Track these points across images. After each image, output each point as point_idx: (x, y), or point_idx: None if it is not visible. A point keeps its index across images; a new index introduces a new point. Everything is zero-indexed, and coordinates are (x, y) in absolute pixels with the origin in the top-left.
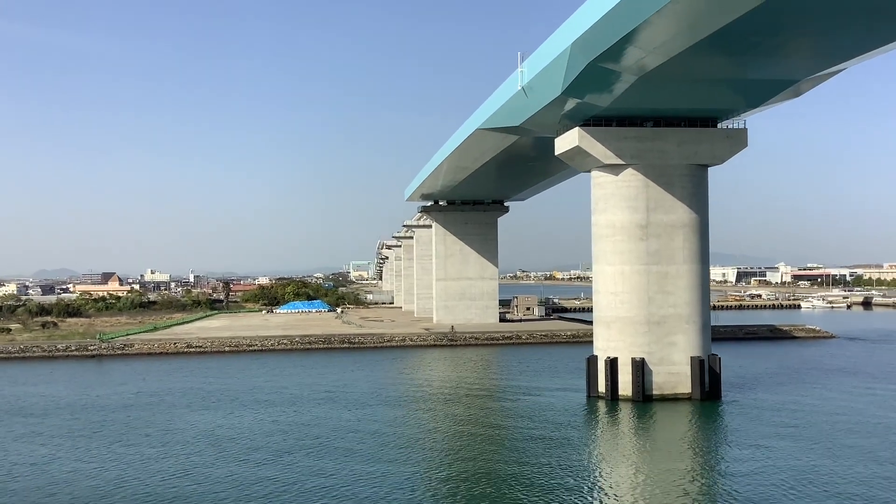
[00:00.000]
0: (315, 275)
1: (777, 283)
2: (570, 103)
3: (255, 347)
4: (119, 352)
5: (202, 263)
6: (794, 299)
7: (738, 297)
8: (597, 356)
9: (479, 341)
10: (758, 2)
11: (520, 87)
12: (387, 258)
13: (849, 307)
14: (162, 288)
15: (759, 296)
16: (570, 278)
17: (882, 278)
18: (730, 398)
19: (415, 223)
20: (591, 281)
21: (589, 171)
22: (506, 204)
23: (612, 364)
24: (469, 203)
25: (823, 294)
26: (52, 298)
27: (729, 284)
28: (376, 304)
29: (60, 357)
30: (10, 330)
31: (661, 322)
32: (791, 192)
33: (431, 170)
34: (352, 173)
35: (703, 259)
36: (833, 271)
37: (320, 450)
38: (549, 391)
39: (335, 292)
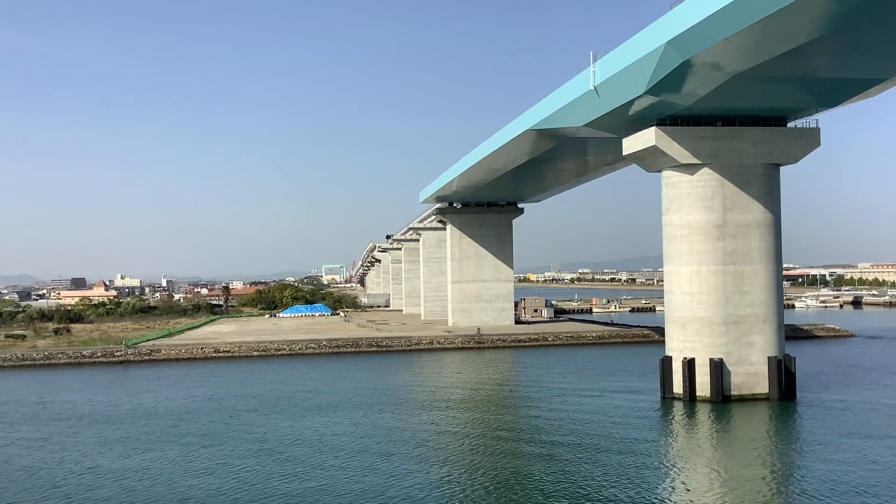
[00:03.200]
0: (287, 278)
1: None
2: (646, 103)
3: (284, 352)
4: (146, 357)
5: (166, 268)
6: (787, 299)
7: None
8: (671, 357)
9: (505, 343)
10: None
11: (592, 87)
12: (378, 261)
13: (841, 306)
14: (136, 293)
15: None
16: (545, 280)
17: (864, 278)
18: (804, 398)
19: (422, 225)
20: (568, 284)
21: (658, 172)
22: (520, 206)
23: (690, 364)
24: (483, 205)
25: (815, 294)
26: (42, 304)
27: None
28: (371, 307)
29: (87, 363)
30: (25, 336)
31: (739, 322)
32: None
33: (461, 171)
34: (323, 179)
35: (778, 259)
36: (810, 271)
37: (421, 452)
38: (614, 392)
39: (332, 295)
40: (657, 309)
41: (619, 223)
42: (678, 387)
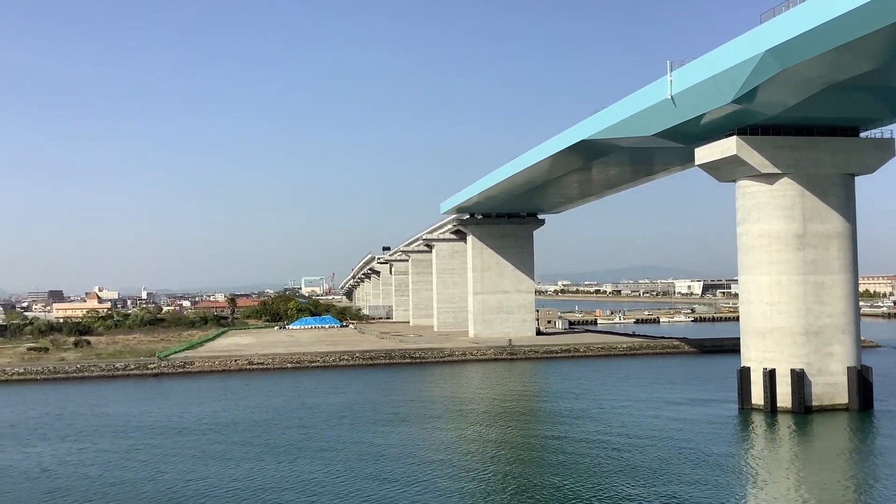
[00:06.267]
0: (266, 290)
1: None
2: (725, 112)
3: (318, 364)
4: (180, 370)
5: (137, 281)
6: None
7: (731, 309)
8: (749, 367)
9: (538, 354)
10: None
11: (668, 97)
12: (377, 273)
13: None
14: (119, 305)
15: None
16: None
17: None
18: (881, 408)
19: (434, 236)
20: (552, 296)
21: (732, 181)
22: (540, 217)
23: (771, 375)
24: (504, 216)
25: None
26: (39, 315)
27: (695, 297)
28: (373, 318)
29: (120, 376)
30: (48, 349)
31: (819, 332)
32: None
33: (494, 183)
34: (296, 191)
35: (854, 269)
36: None
37: (521, 465)
38: (682, 404)
39: (335, 307)
40: (661, 320)
41: (591, 237)
42: (757, 398)
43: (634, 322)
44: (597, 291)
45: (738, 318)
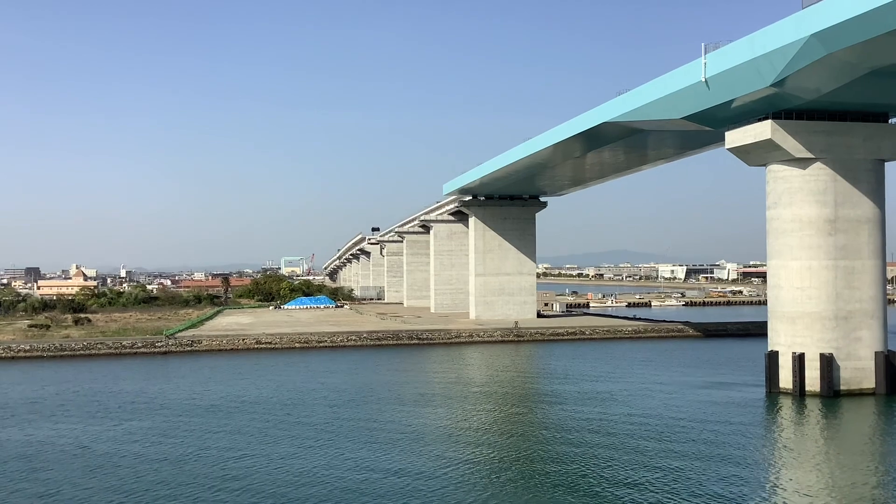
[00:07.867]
0: (245, 270)
1: (725, 279)
2: (759, 96)
3: (325, 344)
4: (188, 348)
5: (108, 259)
6: None
7: (721, 294)
8: (777, 351)
9: (544, 337)
10: None
11: (702, 79)
12: (367, 253)
13: None
14: (99, 284)
15: (741, 292)
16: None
17: None
18: None
19: (432, 217)
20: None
21: (763, 165)
22: (543, 199)
23: (801, 359)
24: (507, 198)
25: None
26: (26, 293)
27: (678, 281)
28: (364, 299)
29: (128, 354)
30: (49, 326)
31: (848, 317)
32: (719, 194)
33: (503, 164)
34: (272, 174)
35: (883, 255)
36: None
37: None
38: (709, 387)
39: (326, 287)
40: (652, 304)
41: (567, 222)
42: (786, 381)
43: (626, 305)
44: (579, 275)
45: (728, 303)
